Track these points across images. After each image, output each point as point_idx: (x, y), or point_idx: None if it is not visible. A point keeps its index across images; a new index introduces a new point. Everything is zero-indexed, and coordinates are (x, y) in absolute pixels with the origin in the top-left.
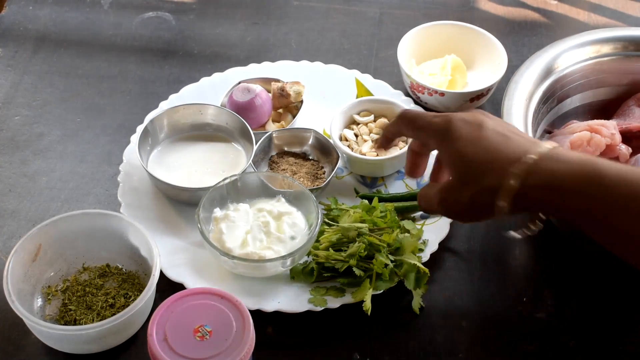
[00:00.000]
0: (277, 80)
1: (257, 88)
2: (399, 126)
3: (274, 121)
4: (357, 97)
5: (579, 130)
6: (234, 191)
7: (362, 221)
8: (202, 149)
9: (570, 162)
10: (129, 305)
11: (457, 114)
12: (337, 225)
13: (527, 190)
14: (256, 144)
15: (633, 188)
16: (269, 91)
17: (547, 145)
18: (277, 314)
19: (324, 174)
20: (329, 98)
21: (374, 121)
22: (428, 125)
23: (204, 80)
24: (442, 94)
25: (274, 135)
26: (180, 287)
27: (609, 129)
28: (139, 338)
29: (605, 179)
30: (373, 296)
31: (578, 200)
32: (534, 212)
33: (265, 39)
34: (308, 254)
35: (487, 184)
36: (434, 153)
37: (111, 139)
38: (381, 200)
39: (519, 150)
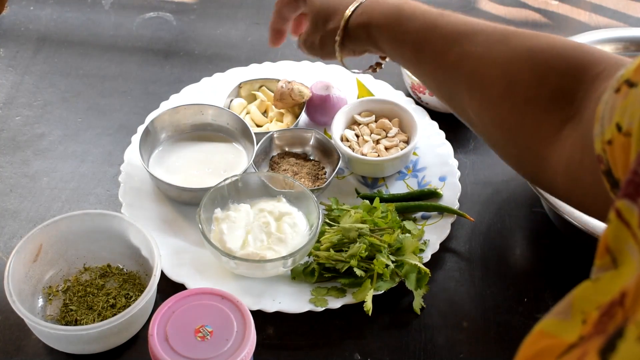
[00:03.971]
0: (278, 81)
1: (333, 86)
2: (278, 12)
3: (276, 121)
4: (358, 98)
5: None
6: (234, 191)
7: (363, 221)
8: (203, 149)
9: (384, 5)
10: (130, 305)
11: None
12: (338, 226)
13: (351, 28)
14: (257, 145)
15: (422, 19)
16: (271, 90)
17: None
18: (278, 314)
19: (324, 174)
20: None
21: (375, 121)
22: None
23: (205, 80)
24: None
25: (275, 135)
26: (181, 287)
27: None
28: (140, 338)
29: (403, 14)
30: (374, 296)
31: (384, 34)
32: (362, 47)
33: (266, 39)
34: (309, 255)
35: (329, 28)
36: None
37: (112, 139)
38: (382, 200)
39: None
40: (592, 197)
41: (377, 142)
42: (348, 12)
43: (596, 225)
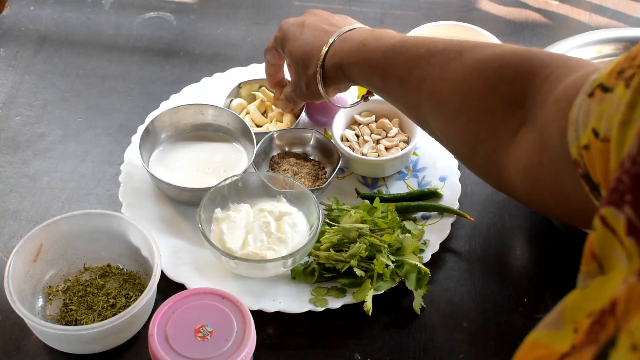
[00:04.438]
0: None
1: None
2: (267, 61)
3: (276, 121)
4: (358, 97)
5: None
6: (235, 191)
7: (363, 221)
8: (203, 149)
9: (351, 41)
10: (130, 305)
11: (289, 20)
12: (338, 226)
13: (327, 70)
14: (257, 145)
15: (384, 49)
16: (271, 91)
17: (345, 29)
18: (278, 314)
19: (325, 174)
20: None
21: (375, 121)
22: (274, 42)
23: (205, 80)
24: None
25: (275, 135)
26: (181, 287)
27: None
28: (140, 338)
29: (367, 47)
30: (374, 296)
31: (355, 69)
32: (344, 84)
33: (267, 39)
34: (309, 255)
35: (310, 73)
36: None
37: (112, 139)
38: (382, 200)
39: (326, 39)
40: (553, 198)
41: (377, 142)
42: (321, 56)
43: None
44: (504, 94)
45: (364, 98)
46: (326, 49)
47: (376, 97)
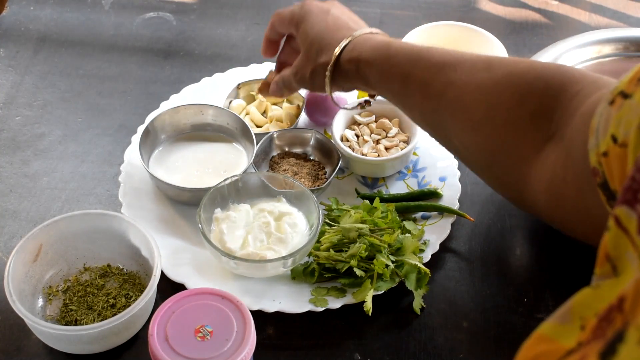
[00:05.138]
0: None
1: None
2: (272, 25)
3: (276, 121)
4: (358, 98)
5: None
6: (235, 191)
7: (363, 222)
8: (203, 149)
9: (373, 41)
10: (130, 305)
11: (313, 0)
12: (338, 226)
13: (342, 63)
14: (257, 145)
15: (409, 52)
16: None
17: (367, 30)
18: (278, 314)
19: (324, 174)
20: None
21: (375, 122)
22: (290, 13)
23: (205, 80)
24: None
25: (275, 135)
26: (181, 287)
27: None
28: (140, 338)
29: (391, 49)
30: (374, 297)
31: (373, 68)
32: (351, 84)
33: None
34: (309, 255)
35: (321, 61)
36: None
37: (112, 139)
38: (382, 200)
39: (347, 34)
40: (575, 214)
41: (377, 142)
42: (339, 47)
43: None
44: (532, 107)
45: (366, 102)
46: (347, 41)
47: (377, 97)
